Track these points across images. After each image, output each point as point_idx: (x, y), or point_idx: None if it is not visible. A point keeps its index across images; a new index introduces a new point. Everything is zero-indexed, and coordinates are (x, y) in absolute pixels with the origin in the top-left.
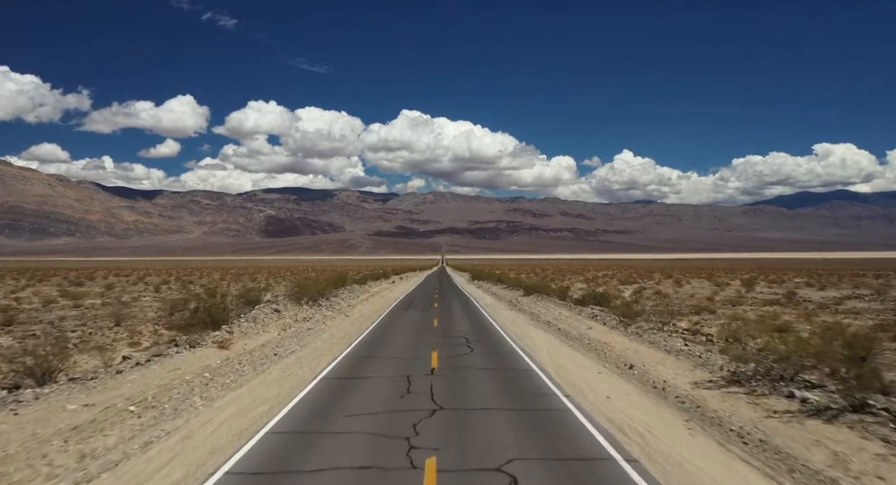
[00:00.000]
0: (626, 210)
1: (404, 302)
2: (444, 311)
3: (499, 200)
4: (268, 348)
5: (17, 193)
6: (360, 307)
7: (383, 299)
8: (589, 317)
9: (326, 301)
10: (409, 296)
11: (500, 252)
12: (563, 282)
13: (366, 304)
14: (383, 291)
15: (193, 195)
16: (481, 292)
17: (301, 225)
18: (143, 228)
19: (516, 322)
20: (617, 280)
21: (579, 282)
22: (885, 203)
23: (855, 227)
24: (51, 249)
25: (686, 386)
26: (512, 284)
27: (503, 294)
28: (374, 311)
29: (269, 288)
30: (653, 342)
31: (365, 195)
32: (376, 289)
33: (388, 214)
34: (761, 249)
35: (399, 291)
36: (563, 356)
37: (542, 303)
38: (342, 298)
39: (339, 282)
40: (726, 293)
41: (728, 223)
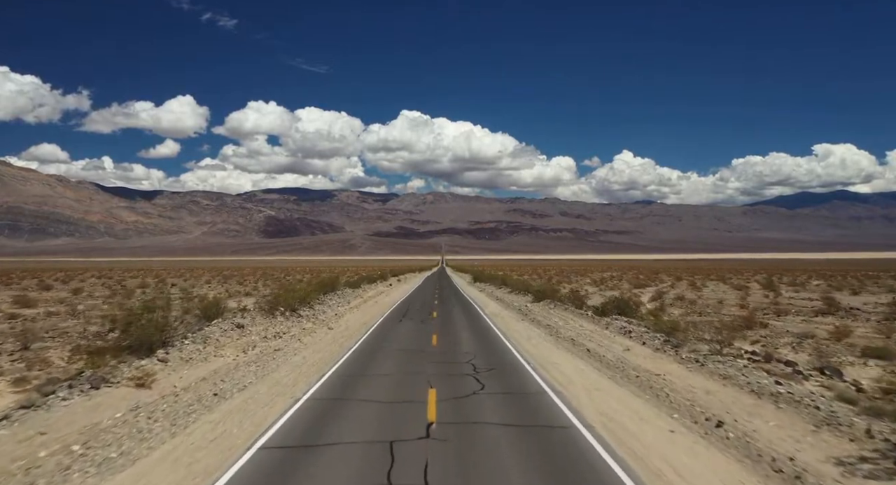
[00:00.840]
0: (626, 210)
1: (399, 310)
2: (444, 323)
3: (499, 200)
4: (209, 384)
5: (16, 194)
6: (348, 317)
7: (377, 307)
8: (620, 332)
9: (310, 310)
10: (405, 302)
11: (500, 252)
12: (570, 284)
13: (356, 312)
14: (378, 295)
15: (193, 196)
16: (485, 297)
17: (301, 225)
18: (143, 228)
19: (532, 339)
20: (627, 282)
21: (588, 284)
22: (884, 203)
23: (855, 227)
24: (50, 249)
25: (833, 473)
26: (517, 287)
27: (509, 300)
28: (363, 322)
29: (253, 292)
30: (725, 375)
31: (365, 196)
32: (371, 293)
33: (387, 215)
34: (761, 249)
35: (395, 295)
36: (610, 398)
37: (557, 312)
38: (330, 306)
39: (329, 286)
40: (755, 299)
41: (728, 224)
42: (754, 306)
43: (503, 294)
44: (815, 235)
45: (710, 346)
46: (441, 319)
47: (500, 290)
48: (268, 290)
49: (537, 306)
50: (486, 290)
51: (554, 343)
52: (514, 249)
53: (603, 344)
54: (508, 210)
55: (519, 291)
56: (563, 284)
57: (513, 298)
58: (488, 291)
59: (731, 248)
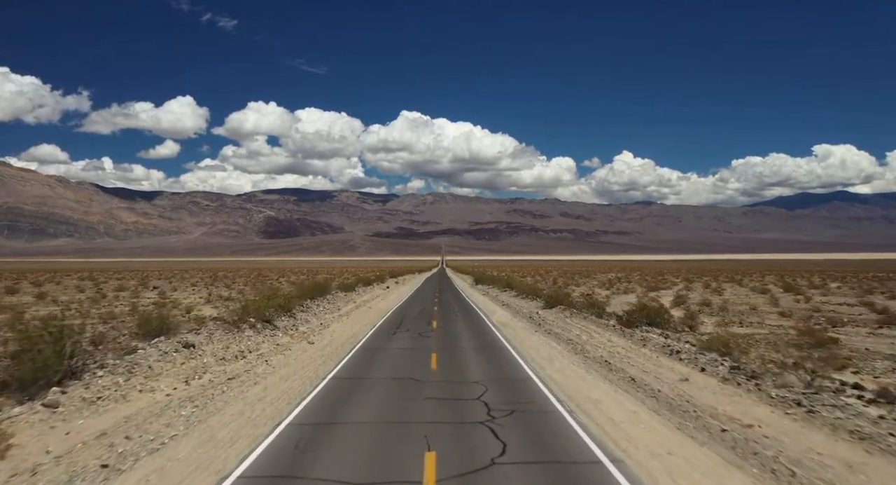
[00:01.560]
0: (626, 211)
1: (395, 318)
2: (445, 336)
3: (499, 201)
4: (106, 443)
5: (16, 194)
6: (334, 328)
7: (370, 314)
8: (663, 351)
9: (290, 319)
10: (402, 308)
11: (500, 253)
12: (578, 287)
13: (345, 321)
14: (373, 300)
15: (193, 196)
16: (489, 302)
17: (301, 226)
18: (143, 229)
19: (555, 360)
20: (638, 285)
21: (597, 287)
22: (884, 204)
23: (855, 228)
24: (50, 250)
25: None
26: (524, 290)
27: (517, 305)
28: (350, 335)
29: (237, 297)
30: (857, 431)
31: (365, 196)
32: (365, 297)
33: (387, 215)
34: (761, 250)
35: (392, 300)
36: (697, 473)
37: (574, 321)
38: (316, 313)
39: (319, 290)
40: (786, 303)
41: (728, 224)
42: (800, 316)
43: (509, 298)
44: (814, 236)
45: (796, 374)
46: (442, 330)
47: (505, 293)
48: (254, 294)
49: (550, 314)
50: (489, 293)
51: (583, 366)
52: (514, 249)
53: (648, 369)
54: (508, 211)
55: (526, 294)
56: (571, 286)
57: (520, 303)
58: (492, 294)
59: (731, 248)
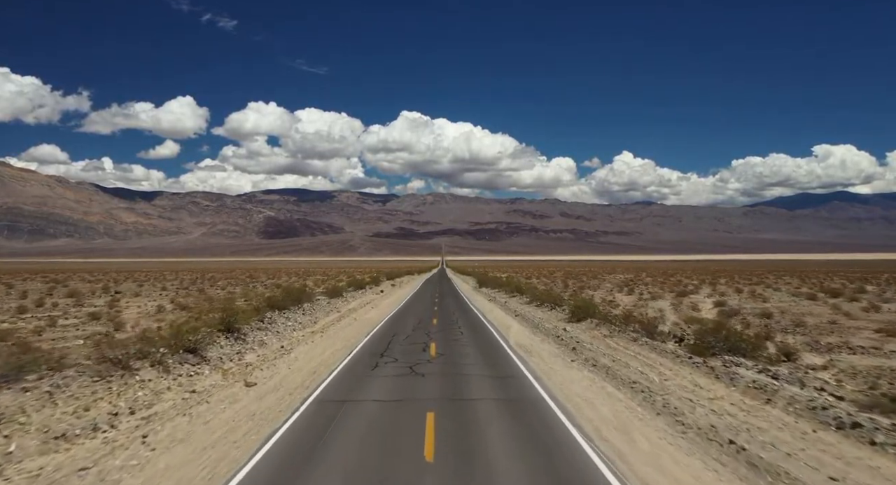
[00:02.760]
0: (627, 211)
1: (382, 336)
2: (448, 373)
3: (499, 201)
4: None
5: (16, 194)
6: (298, 353)
7: (351, 330)
8: (813, 416)
9: (238, 342)
10: (394, 319)
11: (500, 253)
12: (593, 290)
13: (317, 341)
14: (362, 308)
15: (193, 196)
16: (499, 312)
17: (301, 226)
18: (143, 229)
19: (632, 430)
20: (659, 288)
21: (615, 291)
22: (885, 204)
23: (855, 228)
24: (50, 250)
25: None
26: (538, 297)
27: (534, 317)
28: (313, 368)
29: (191, 308)
30: None
31: (365, 196)
32: (353, 304)
33: (387, 216)
34: (761, 250)
35: (384, 307)
36: None
37: (620, 343)
38: (282, 329)
39: (295, 297)
40: (852, 310)
41: (728, 224)
42: (879, 328)
43: (521, 306)
44: (815, 236)
45: None
46: (443, 360)
47: (515, 299)
48: (208, 304)
49: (581, 331)
50: (496, 299)
51: (699, 454)
52: (514, 249)
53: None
54: (508, 211)
55: (541, 302)
56: (585, 290)
57: (537, 313)
58: (500, 300)
59: (732, 249)
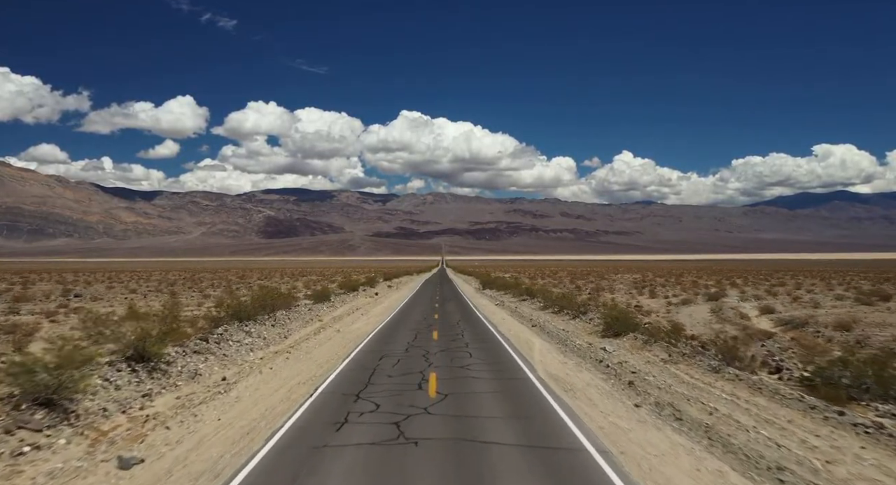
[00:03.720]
0: (627, 211)
1: (364, 361)
2: (457, 436)
3: (499, 200)
4: None
5: (15, 194)
6: (244, 388)
7: (327, 349)
8: None
9: (159, 374)
10: (384, 332)
11: (501, 253)
12: (611, 293)
13: (279, 366)
14: (349, 316)
15: (193, 196)
16: (512, 320)
17: (300, 226)
18: (142, 229)
19: None
20: (683, 290)
21: (636, 294)
22: (885, 204)
23: (855, 228)
24: (49, 250)
25: None
26: (555, 302)
27: (556, 329)
28: (255, 418)
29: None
30: None
31: (364, 196)
32: (340, 311)
33: (387, 215)
34: (762, 250)
35: (376, 315)
36: None
37: (693, 374)
38: (244, 345)
39: (270, 303)
40: None
41: (728, 224)
42: None
43: (534, 312)
44: (815, 236)
45: None
46: (448, 404)
47: (526, 304)
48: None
49: (624, 349)
50: (505, 304)
51: None
52: (515, 249)
53: None
54: (508, 210)
55: (559, 308)
56: (601, 292)
57: (557, 323)
58: (509, 305)
59: (732, 248)
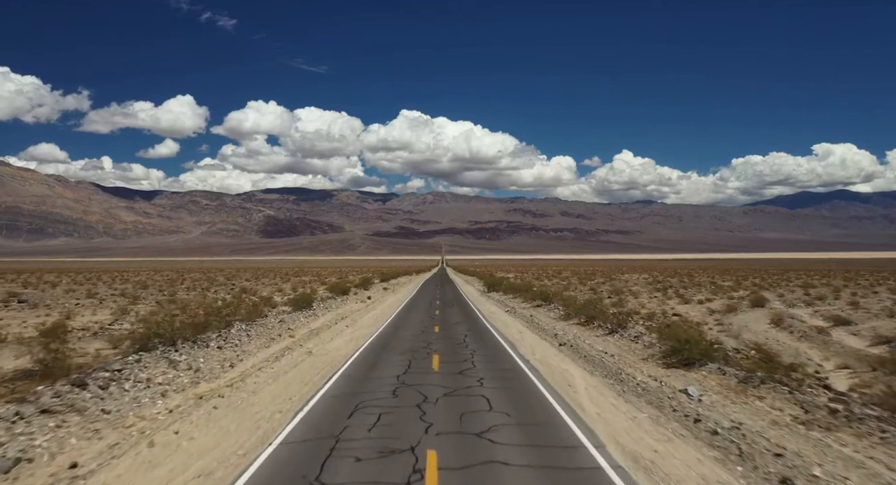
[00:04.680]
0: (627, 210)
1: (326, 417)
2: None
3: (499, 200)
4: None
5: (15, 194)
6: None
7: (285, 385)
8: None
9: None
10: (367, 358)
11: (501, 252)
12: (635, 296)
13: (185, 432)
14: (331, 327)
15: (192, 195)
16: (533, 337)
17: (300, 225)
18: (142, 228)
19: None
20: (715, 293)
21: (662, 298)
22: (885, 203)
23: (855, 227)
24: (48, 249)
25: None
26: (580, 310)
27: (595, 350)
28: None
29: None
30: None
31: (364, 195)
32: (321, 322)
33: (387, 215)
34: (762, 249)
35: (361, 329)
36: None
37: (858, 449)
38: (156, 386)
39: (222, 315)
40: None
41: (728, 223)
42: None
43: (557, 324)
44: (815, 235)
45: None
46: None
47: (542, 312)
48: None
49: (714, 392)
50: (516, 311)
51: None
52: (515, 249)
53: None
54: (508, 210)
55: (587, 318)
56: (622, 294)
57: (593, 341)
58: (523, 313)
59: (732, 248)
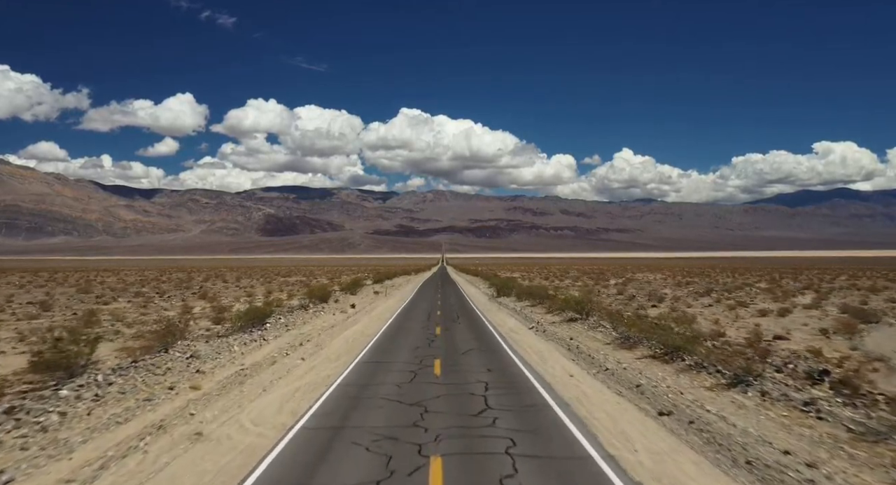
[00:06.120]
0: (627, 208)
1: None
2: None
3: (499, 198)
4: None
5: (14, 192)
6: None
7: None
8: None
9: None
10: (300, 462)
11: (501, 251)
12: (686, 305)
13: None
14: (272, 365)
15: (192, 194)
16: (601, 389)
17: (300, 224)
18: (142, 226)
19: None
20: (765, 297)
21: (728, 310)
22: (885, 201)
23: (856, 225)
24: (48, 248)
25: None
26: (656, 337)
27: (732, 430)
28: None
29: None
30: None
31: (364, 194)
32: (269, 349)
33: (387, 213)
34: (762, 247)
35: (319, 370)
36: None
37: None
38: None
39: None
40: None
41: (729, 222)
42: None
43: (613, 353)
44: (816, 234)
45: None
46: None
47: (581, 329)
48: None
49: None
50: (546, 330)
51: None
52: (515, 247)
53: None
54: (509, 208)
55: (666, 349)
56: (664, 298)
57: (716, 402)
58: (555, 333)
59: (733, 246)
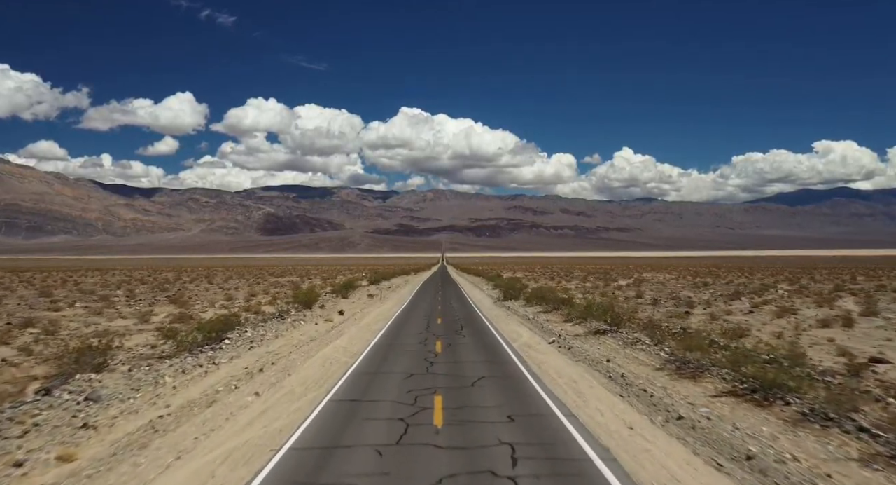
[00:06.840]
0: (627, 208)
1: None
2: None
3: (499, 197)
4: None
5: (14, 191)
6: None
7: None
8: None
9: None
10: None
11: (501, 250)
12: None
13: None
14: (203, 410)
15: (192, 193)
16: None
17: (300, 223)
18: (142, 226)
19: None
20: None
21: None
22: (886, 201)
23: (856, 224)
24: (47, 247)
25: None
26: (694, 349)
27: None
28: None
29: None
30: None
31: (364, 193)
32: (209, 383)
33: (387, 212)
34: (763, 246)
35: (275, 410)
36: None
37: None
38: None
39: None
40: None
41: (729, 221)
42: None
43: (673, 385)
44: (816, 233)
45: None
46: None
47: (615, 346)
48: None
49: None
50: (571, 345)
51: None
52: (515, 246)
53: None
54: (509, 207)
55: (744, 381)
56: (697, 303)
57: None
58: (583, 351)
59: (733, 245)
